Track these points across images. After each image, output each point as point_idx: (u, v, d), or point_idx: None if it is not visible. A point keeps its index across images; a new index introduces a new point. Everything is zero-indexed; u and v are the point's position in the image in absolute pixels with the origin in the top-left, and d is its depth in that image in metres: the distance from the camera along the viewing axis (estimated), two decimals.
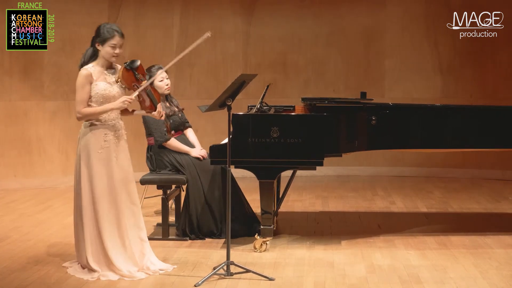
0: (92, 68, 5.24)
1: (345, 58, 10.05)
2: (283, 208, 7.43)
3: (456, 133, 6.37)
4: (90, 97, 5.24)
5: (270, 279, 5.14)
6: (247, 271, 5.22)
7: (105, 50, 5.25)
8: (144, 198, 7.39)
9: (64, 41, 9.21)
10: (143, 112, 5.43)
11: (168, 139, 6.33)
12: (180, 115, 6.57)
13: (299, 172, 6.64)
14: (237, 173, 7.20)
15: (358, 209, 7.78)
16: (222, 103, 5.35)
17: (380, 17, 9.98)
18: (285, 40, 10.03)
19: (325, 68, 10.07)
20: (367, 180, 9.67)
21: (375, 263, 5.60)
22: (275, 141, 5.87)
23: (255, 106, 6.55)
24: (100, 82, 5.24)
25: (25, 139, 9.14)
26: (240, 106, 7.33)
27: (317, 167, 5.99)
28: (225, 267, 5.22)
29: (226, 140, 5.77)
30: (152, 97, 5.32)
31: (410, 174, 9.89)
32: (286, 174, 6.36)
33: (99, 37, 5.26)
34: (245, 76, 5.37)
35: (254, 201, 7.08)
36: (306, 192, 8.76)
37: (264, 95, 6.46)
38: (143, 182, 6.45)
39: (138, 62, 5.32)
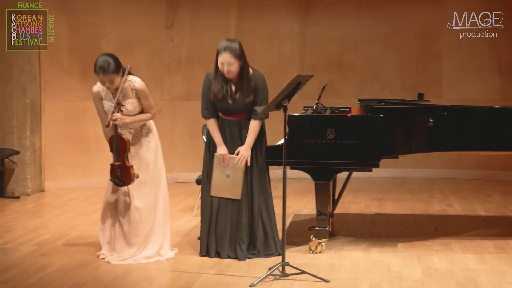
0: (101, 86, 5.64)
1: (402, 59, 9.96)
2: (339, 209, 7.39)
3: None
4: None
5: (326, 281, 5.14)
6: (302, 272, 5.22)
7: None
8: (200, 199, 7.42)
9: (122, 42, 9.32)
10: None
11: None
12: None
13: (354, 174, 6.61)
14: (292, 174, 7.20)
15: (414, 211, 7.71)
16: (278, 104, 5.36)
17: (438, 17, 9.86)
18: (341, 41, 9.97)
19: (381, 69, 9.99)
20: (424, 182, 9.56)
21: (431, 266, 5.54)
22: (331, 142, 5.84)
23: (311, 107, 6.55)
24: (106, 102, 5.71)
25: (83, 139, 9.28)
26: (296, 107, 7.31)
27: (373, 169, 5.96)
28: (280, 268, 5.23)
29: (282, 141, 5.78)
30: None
31: (468, 177, 9.74)
32: (341, 176, 6.34)
33: None
34: (301, 77, 5.36)
35: (309, 203, 7.09)
36: (361, 194, 8.71)
37: (320, 96, 6.44)
38: (199, 182, 6.47)
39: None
